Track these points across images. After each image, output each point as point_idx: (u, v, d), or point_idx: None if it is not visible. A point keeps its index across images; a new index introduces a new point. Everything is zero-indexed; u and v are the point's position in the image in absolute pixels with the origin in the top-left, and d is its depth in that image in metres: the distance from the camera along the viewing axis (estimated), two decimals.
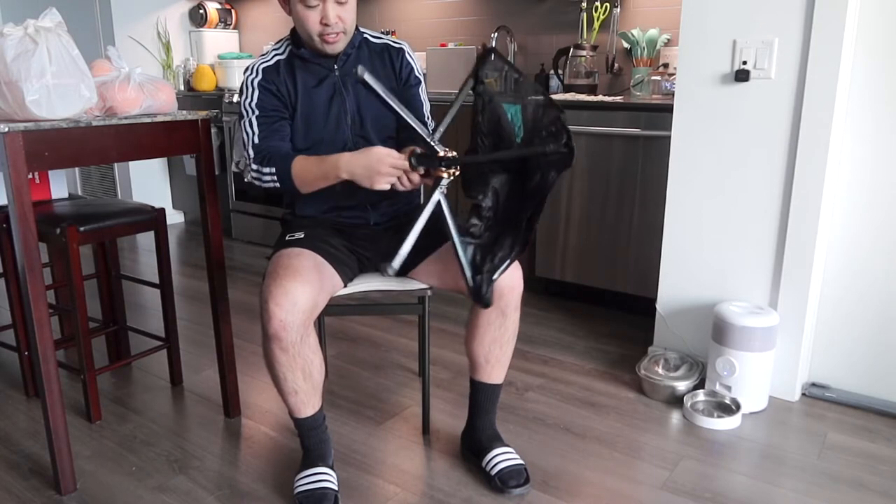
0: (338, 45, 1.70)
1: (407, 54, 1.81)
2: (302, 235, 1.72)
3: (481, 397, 1.80)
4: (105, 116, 1.66)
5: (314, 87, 1.75)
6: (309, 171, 1.63)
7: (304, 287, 1.54)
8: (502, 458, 1.74)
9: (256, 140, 1.70)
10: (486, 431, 1.81)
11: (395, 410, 2.14)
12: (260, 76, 1.73)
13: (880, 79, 1.97)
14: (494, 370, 1.76)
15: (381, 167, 1.52)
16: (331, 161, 1.59)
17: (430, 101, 1.87)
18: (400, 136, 1.79)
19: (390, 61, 1.79)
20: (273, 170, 1.66)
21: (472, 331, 1.74)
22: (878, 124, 2.00)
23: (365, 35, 1.80)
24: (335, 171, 1.58)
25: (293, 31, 1.76)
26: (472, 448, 1.81)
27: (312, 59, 1.74)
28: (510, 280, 1.63)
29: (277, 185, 1.67)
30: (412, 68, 1.81)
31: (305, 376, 1.61)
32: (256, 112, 1.71)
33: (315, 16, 1.64)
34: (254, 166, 1.69)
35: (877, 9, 1.93)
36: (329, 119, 1.75)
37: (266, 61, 1.76)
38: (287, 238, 1.73)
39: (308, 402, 1.66)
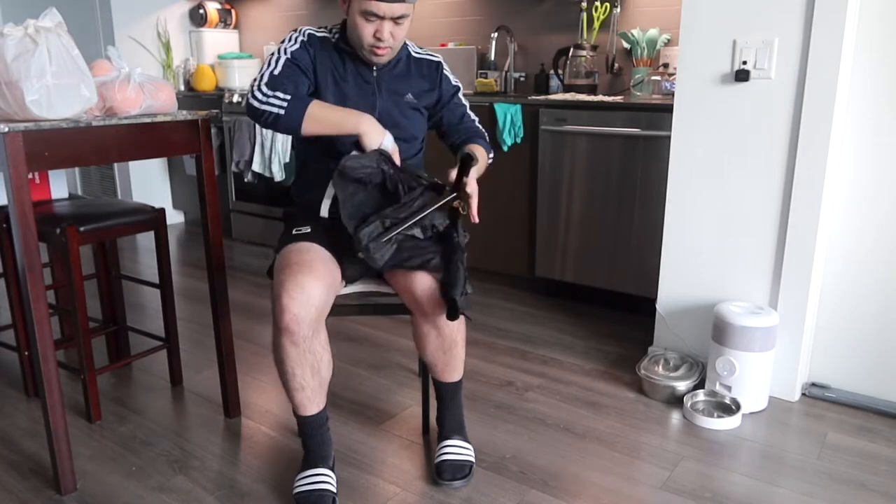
0: (383, 59, 1.73)
1: (444, 68, 1.89)
2: (309, 230, 1.72)
3: (440, 392, 1.85)
4: (105, 116, 1.66)
5: (351, 74, 1.76)
6: (326, 110, 1.67)
7: (317, 282, 1.57)
8: (450, 451, 1.78)
9: (276, 73, 1.68)
10: (449, 421, 1.85)
11: (395, 410, 2.14)
12: (306, 38, 1.75)
13: (880, 78, 1.97)
14: (444, 372, 1.79)
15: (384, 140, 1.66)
16: (356, 115, 1.67)
17: None
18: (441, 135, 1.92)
19: (429, 74, 1.86)
20: (288, 97, 1.63)
21: (415, 339, 1.77)
22: (879, 124, 2.00)
23: (409, 48, 1.85)
24: (348, 123, 1.66)
25: (344, 24, 1.77)
26: (438, 429, 1.86)
27: (356, 57, 1.76)
28: (431, 295, 1.61)
29: (282, 111, 1.62)
30: (450, 80, 1.90)
31: (314, 372, 1.63)
32: (288, 55, 1.71)
33: (370, 28, 1.66)
34: (264, 89, 1.64)
35: (877, 9, 1.93)
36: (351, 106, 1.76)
37: (314, 30, 1.78)
38: (294, 232, 1.74)
39: (313, 400, 1.67)
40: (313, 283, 1.56)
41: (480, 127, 1.94)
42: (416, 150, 1.87)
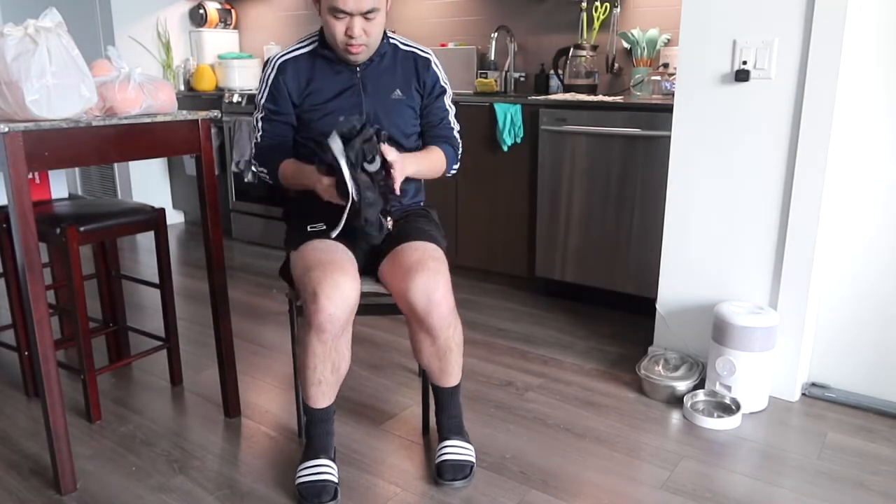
0: (360, 56, 1.74)
1: (433, 64, 1.86)
2: (324, 226, 1.73)
3: (437, 396, 1.85)
4: (105, 116, 1.66)
5: (331, 80, 1.78)
6: (292, 177, 1.77)
7: (352, 282, 1.59)
8: (451, 451, 1.78)
9: (259, 139, 1.84)
10: (447, 422, 1.85)
11: (394, 410, 2.14)
12: (275, 72, 1.79)
13: (880, 78, 1.97)
14: (441, 377, 1.79)
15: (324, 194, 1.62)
16: (305, 174, 1.69)
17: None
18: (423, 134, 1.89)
19: (415, 69, 1.83)
20: (266, 169, 1.83)
21: (411, 344, 1.77)
22: (878, 124, 2.00)
23: (394, 42, 1.83)
24: (308, 182, 1.68)
25: (322, 30, 1.78)
26: (438, 432, 1.86)
27: (336, 60, 1.77)
28: (426, 304, 1.62)
29: (270, 181, 1.85)
30: (437, 78, 1.86)
31: (333, 370, 1.65)
32: (264, 113, 1.82)
33: (341, 27, 1.67)
34: (255, 163, 1.87)
35: (877, 9, 1.93)
36: (338, 112, 1.76)
37: (285, 55, 1.80)
38: (310, 229, 1.75)
39: (327, 395, 1.70)
40: (348, 282, 1.58)
41: (457, 136, 1.91)
42: (413, 147, 1.86)
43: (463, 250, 3.29)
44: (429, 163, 1.80)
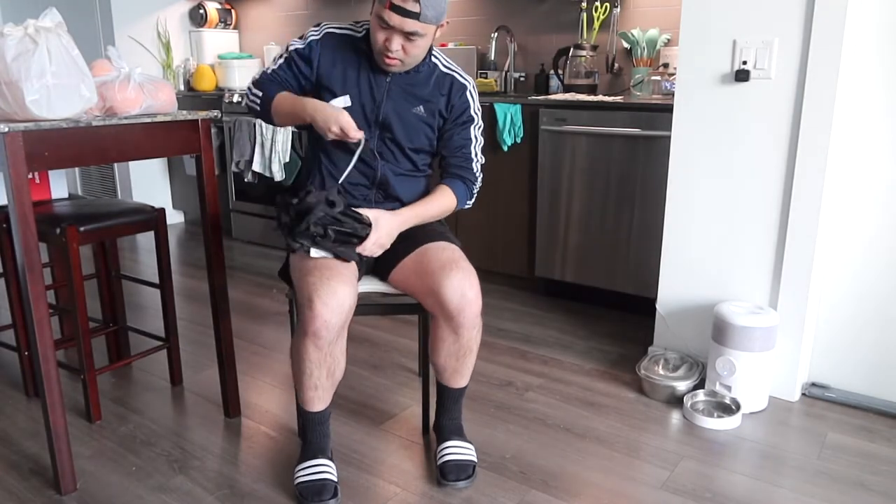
0: (393, 68, 1.71)
1: (468, 91, 1.82)
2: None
3: (443, 396, 1.86)
4: (105, 116, 1.66)
5: (361, 76, 1.75)
6: (286, 103, 1.73)
7: (348, 288, 1.59)
8: (452, 451, 1.79)
9: (269, 72, 1.80)
10: (448, 424, 1.86)
11: (394, 410, 2.14)
12: (319, 37, 1.77)
13: (880, 78, 1.97)
14: (452, 378, 1.80)
15: (332, 125, 1.64)
16: (304, 103, 1.69)
17: None
18: (440, 156, 1.87)
19: (448, 93, 1.80)
20: (260, 94, 1.78)
21: (431, 341, 1.78)
22: (878, 124, 2.00)
23: (435, 61, 1.81)
24: (303, 112, 1.68)
25: None
26: (437, 434, 1.87)
27: (372, 58, 1.74)
28: (459, 300, 1.63)
29: (258, 108, 1.78)
30: (468, 106, 1.82)
31: (329, 375, 1.66)
32: (287, 56, 1.79)
33: (382, 36, 1.65)
34: (252, 88, 1.80)
35: (877, 9, 1.93)
36: (356, 105, 1.75)
37: (336, 28, 1.79)
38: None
39: (323, 398, 1.70)
40: (345, 288, 1.58)
41: (475, 168, 1.85)
42: (424, 163, 1.85)
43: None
44: (426, 215, 1.80)
